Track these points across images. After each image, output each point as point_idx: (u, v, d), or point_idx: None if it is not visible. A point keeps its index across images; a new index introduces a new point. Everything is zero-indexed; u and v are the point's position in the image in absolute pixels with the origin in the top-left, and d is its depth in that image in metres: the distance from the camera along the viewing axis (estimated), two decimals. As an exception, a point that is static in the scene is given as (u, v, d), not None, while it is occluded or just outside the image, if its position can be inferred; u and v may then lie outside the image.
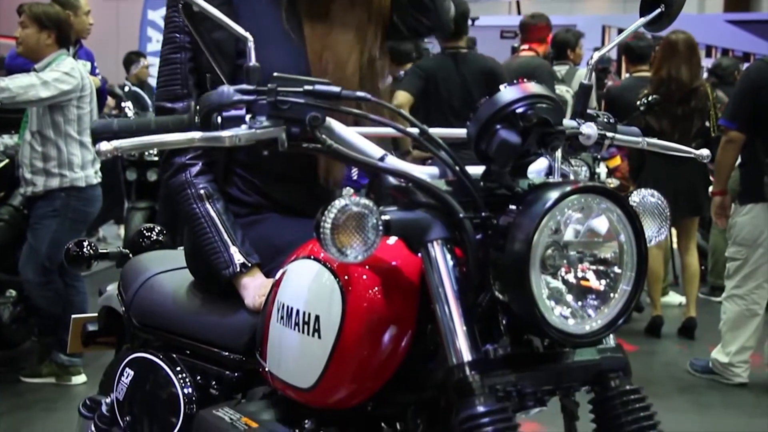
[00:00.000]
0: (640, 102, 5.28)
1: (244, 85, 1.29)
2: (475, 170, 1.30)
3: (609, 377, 1.28)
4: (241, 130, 1.28)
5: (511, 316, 1.23)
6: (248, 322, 1.70)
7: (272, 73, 1.30)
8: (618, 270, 1.25)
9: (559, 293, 1.22)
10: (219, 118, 1.29)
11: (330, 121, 1.33)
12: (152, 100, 6.95)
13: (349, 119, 1.41)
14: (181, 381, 1.80)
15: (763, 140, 4.42)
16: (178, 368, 1.83)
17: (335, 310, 1.34)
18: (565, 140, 1.47)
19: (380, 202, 1.28)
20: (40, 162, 4.33)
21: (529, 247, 1.16)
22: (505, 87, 1.25)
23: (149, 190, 6.79)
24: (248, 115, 1.29)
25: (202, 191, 1.80)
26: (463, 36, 5.12)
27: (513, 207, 1.22)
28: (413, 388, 1.39)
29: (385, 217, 1.22)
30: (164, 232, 2.42)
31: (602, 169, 5.96)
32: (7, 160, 4.73)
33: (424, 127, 1.30)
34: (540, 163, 1.39)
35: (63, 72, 4.24)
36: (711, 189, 4.94)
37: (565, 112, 1.39)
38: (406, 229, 1.26)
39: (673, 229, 5.89)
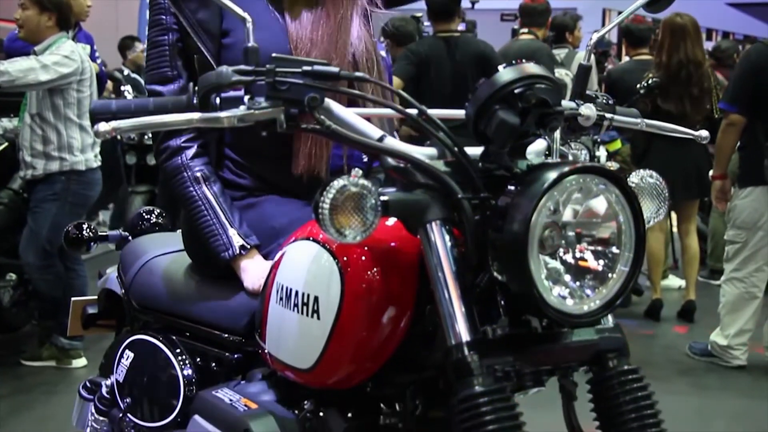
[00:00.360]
0: (641, 85, 5.27)
1: (243, 66, 1.29)
2: (474, 151, 1.30)
3: (607, 357, 1.29)
4: (240, 111, 1.28)
5: (509, 297, 1.23)
6: (247, 304, 1.71)
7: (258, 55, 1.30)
8: (616, 250, 1.25)
9: (558, 273, 1.22)
10: (217, 99, 1.29)
11: (328, 101, 1.33)
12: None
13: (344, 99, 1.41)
14: (181, 363, 1.81)
15: (763, 123, 4.41)
16: (178, 350, 1.83)
17: (334, 291, 1.34)
18: (564, 121, 1.47)
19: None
20: (40, 145, 4.33)
21: (528, 227, 1.16)
22: (503, 67, 1.24)
23: (149, 174, 6.79)
24: (247, 96, 1.29)
25: (198, 174, 1.79)
26: (455, 19, 5.07)
27: (511, 187, 1.21)
28: (412, 368, 1.39)
29: (384, 198, 1.22)
30: (163, 215, 2.43)
31: (602, 153, 5.96)
32: (6, 144, 4.73)
33: (423, 108, 1.30)
34: (539, 144, 1.38)
35: (63, 55, 4.24)
36: (711, 173, 4.93)
37: (565, 96, 1.39)
38: (405, 209, 1.26)
39: (672, 213, 5.90)
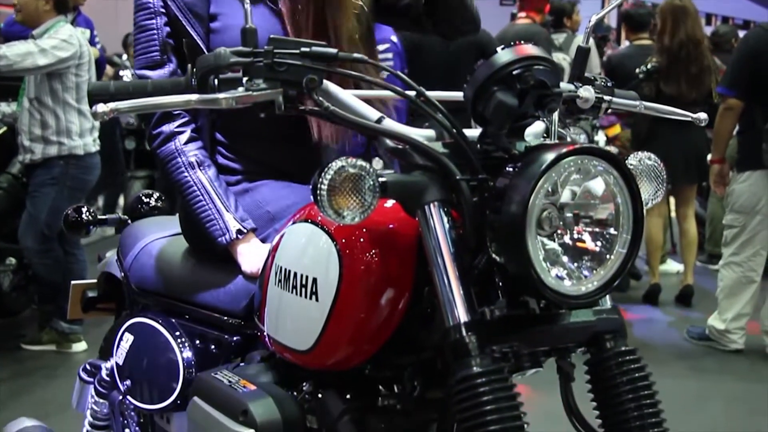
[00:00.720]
0: (640, 70, 5.27)
1: (241, 48, 1.29)
2: (472, 133, 1.30)
3: (604, 338, 1.29)
4: (238, 93, 1.28)
5: (507, 278, 1.23)
6: (246, 287, 1.71)
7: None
8: (614, 232, 1.25)
9: (555, 255, 1.23)
10: (215, 81, 1.29)
11: (327, 83, 1.33)
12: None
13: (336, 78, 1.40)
14: (180, 345, 1.81)
15: (761, 107, 4.40)
16: (177, 333, 1.84)
17: (332, 273, 1.35)
18: (563, 104, 1.47)
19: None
20: (39, 130, 4.32)
21: (526, 208, 1.16)
22: (502, 49, 1.24)
23: (148, 159, 6.79)
24: (245, 78, 1.29)
25: (192, 158, 1.78)
26: None
27: (509, 169, 1.21)
28: (410, 350, 1.40)
29: (382, 179, 1.22)
30: (162, 198, 2.43)
31: (601, 138, 5.96)
32: (5, 128, 4.72)
33: (421, 89, 1.30)
34: (537, 127, 1.38)
35: (61, 39, 4.22)
36: (709, 157, 4.94)
37: (562, 80, 1.38)
38: (403, 191, 1.26)
39: (671, 198, 5.90)
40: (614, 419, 1.26)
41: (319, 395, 1.47)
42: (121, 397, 1.95)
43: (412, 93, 1.31)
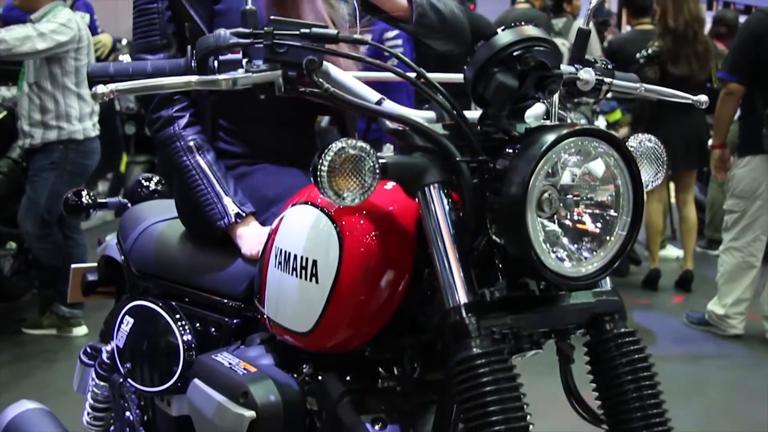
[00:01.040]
0: (641, 55, 5.26)
1: (241, 29, 1.29)
2: (473, 114, 1.30)
3: (604, 320, 1.29)
4: (238, 74, 1.28)
5: (507, 260, 1.23)
6: (246, 270, 1.71)
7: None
8: (614, 213, 1.25)
9: (555, 236, 1.23)
10: (215, 62, 1.29)
11: (327, 65, 1.33)
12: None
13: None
14: (181, 328, 1.81)
15: (762, 92, 4.40)
16: (178, 316, 1.84)
17: (332, 255, 1.35)
18: (563, 86, 1.47)
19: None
20: (38, 114, 4.32)
21: (526, 189, 1.16)
22: (502, 30, 1.24)
23: (148, 144, 6.78)
24: (245, 59, 1.29)
25: (191, 143, 1.78)
26: None
27: (510, 150, 1.21)
28: (410, 332, 1.40)
29: (382, 161, 1.22)
30: (162, 182, 2.42)
31: (601, 123, 5.95)
32: (5, 113, 4.71)
33: (422, 71, 1.30)
34: (537, 108, 1.38)
35: (59, 23, 4.21)
36: (710, 142, 4.93)
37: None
38: (403, 172, 1.26)
39: (671, 183, 5.90)
40: (613, 400, 1.26)
41: (319, 377, 1.47)
42: (121, 380, 1.95)
43: (413, 75, 1.31)
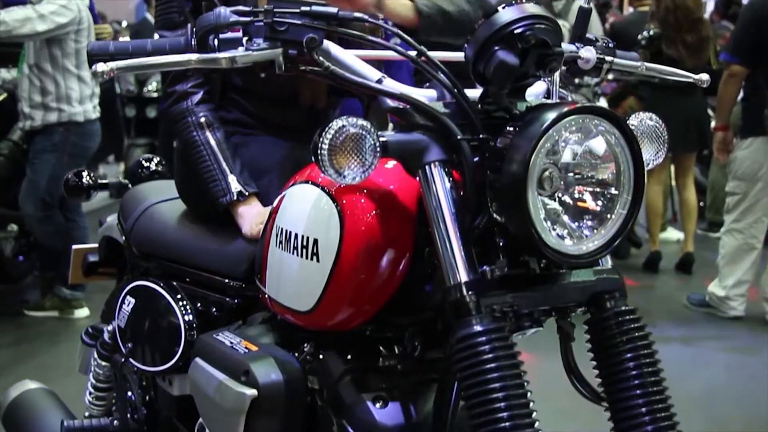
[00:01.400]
0: (642, 36, 5.25)
1: (241, 7, 1.28)
2: (473, 93, 1.30)
3: (604, 298, 1.29)
4: (238, 53, 1.28)
5: (508, 238, 1.23)
6: (247, 250, 1.72)
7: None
8: (615, 191, 1.25)
9: (556, 214, 1.23)
10: (215, 41, 1.28)
11: (327, 43, 1.32)
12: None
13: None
14: (182, 308, 1.82)
15: (765, 73, 4.39)
16: (179, 295, 1.84)
17: (333, 234, 1.35)
18: (564, 65, 1.46)
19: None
20: (39, 96, 4.31)
21: (527, 167, 1.16)
22: (503, 7, 1.23)
23: (149, 127, 6.78)
24: (245, 38, 1.28)
25: (202, 119, 1.80)
26: None
27: (510, 128, 1.21)
28: (411, 311, 1.40)
29: (383, 139, 1.22)
30: (163, 163, 2.43)
31: (602, 105, 5.93)
32: (5, 95, 4.71)
33: (423, 49, 1.29)
34: (538, 87, 1.38)
35: (60, 5, 4.20)
36: (713, 124, 4.92)
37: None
38: (404, 150, 1.26)
39: (671, 166, 5.90)
40: (613, 378, 1.26)
41: (320, 356, 1.47)
42: (123, 360, 1.96)
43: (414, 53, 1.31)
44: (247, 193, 1.75)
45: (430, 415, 1.36)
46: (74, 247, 2.45)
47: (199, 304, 1.83)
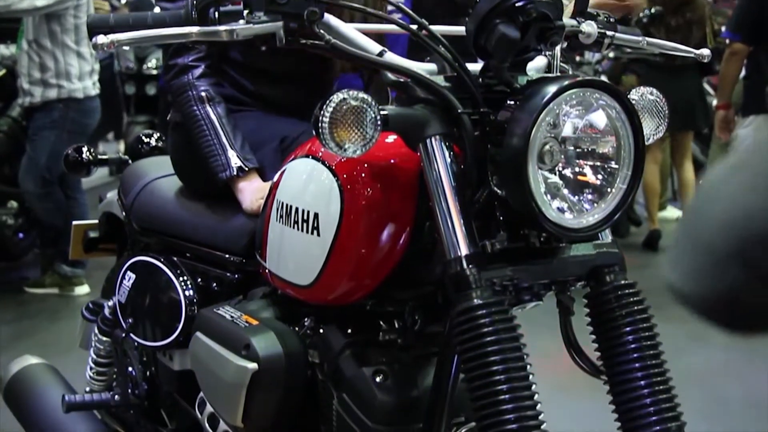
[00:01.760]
0: (644, 14, 5.24)
1: (242, -21, 1.28)
2: (474, 67, 1.29)
3: (604, 272, 1.29)
4: (239, 26, 1.27)
5: (508, 211, 1.23)
6: (247, 225, 1.72)
7: None
8: (615, 165, 1.25)
9: (556, 188, 1.22)
10: (216, 13, 1.28)
11: (328, 16, 1.32)
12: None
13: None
14: (182, 283, 1.82)
15: (767, 51, 4.36)
16: (179, 271, 1.85)
17: (334, 208, 1.35)
18: (565, 39, 1.46)
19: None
20: (38, 72, 4.30)
21: (527, 141, 1.16)
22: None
23: (148, 104, 6.75)
24: (246, 10, 1.28)
25: (203, 93, 1.80)
26: None
27: (511, 102, 1.21)
28: (411, 285, 1.40)
29: (384, 112, 1.22)
30: (163, 139, 2.42)
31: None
32: (4, 71, 4.70)
33: (424, 22, 1.29)
34: (539, 61, 1.38)
35: (58, -20, 4.18)
36: (715, 103, 4.91)
37: None
38: (405, 124, 1.26)
39: (671, 143, 5.89)
40: (612, 352, 1.26)
41: (321, 330, 1.48)
42: (123, 335, 1.97)
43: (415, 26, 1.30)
44: (247, 168, 1.75)
45: (430, 388, 1.36)
46: (74, 223, 2.45)
47: (200, 279, 1.83)
